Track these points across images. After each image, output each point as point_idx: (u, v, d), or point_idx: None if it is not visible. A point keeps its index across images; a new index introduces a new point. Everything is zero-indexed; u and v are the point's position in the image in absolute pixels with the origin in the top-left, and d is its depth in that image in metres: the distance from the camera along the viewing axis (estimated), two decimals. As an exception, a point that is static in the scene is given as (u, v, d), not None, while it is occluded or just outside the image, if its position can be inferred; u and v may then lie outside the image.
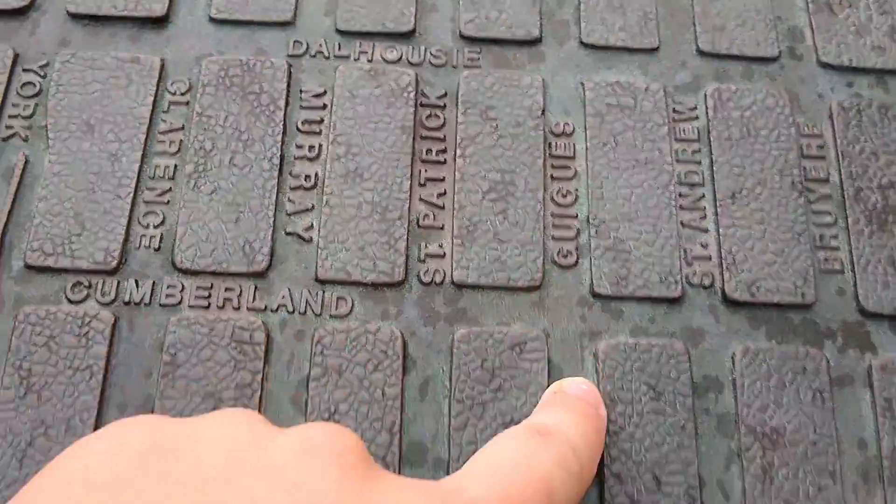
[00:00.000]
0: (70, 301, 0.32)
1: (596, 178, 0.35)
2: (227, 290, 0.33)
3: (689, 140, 0.36)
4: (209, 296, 0.32)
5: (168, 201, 0.34)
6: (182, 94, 0.36)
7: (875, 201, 0.35)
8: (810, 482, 0.31)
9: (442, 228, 0.34)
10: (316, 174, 0.35)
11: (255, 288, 0.33)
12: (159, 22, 0.38)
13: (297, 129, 0.36)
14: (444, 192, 0.35)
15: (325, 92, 0.36)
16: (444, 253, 0.34)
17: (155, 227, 0.34)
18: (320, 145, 0.35)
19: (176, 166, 0.35)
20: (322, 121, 0.36)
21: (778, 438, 0.32)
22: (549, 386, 0.31)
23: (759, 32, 0.39)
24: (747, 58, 0.38)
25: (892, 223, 0.35)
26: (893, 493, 0.31)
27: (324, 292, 0.33)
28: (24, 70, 0.36)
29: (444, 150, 0.36)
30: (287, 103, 0.36)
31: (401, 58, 0.37)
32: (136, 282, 0.33)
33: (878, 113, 0.37)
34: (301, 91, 0.36)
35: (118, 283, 0.33)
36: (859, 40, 0.39)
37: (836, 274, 0.34)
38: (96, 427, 0.30)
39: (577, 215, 0.35)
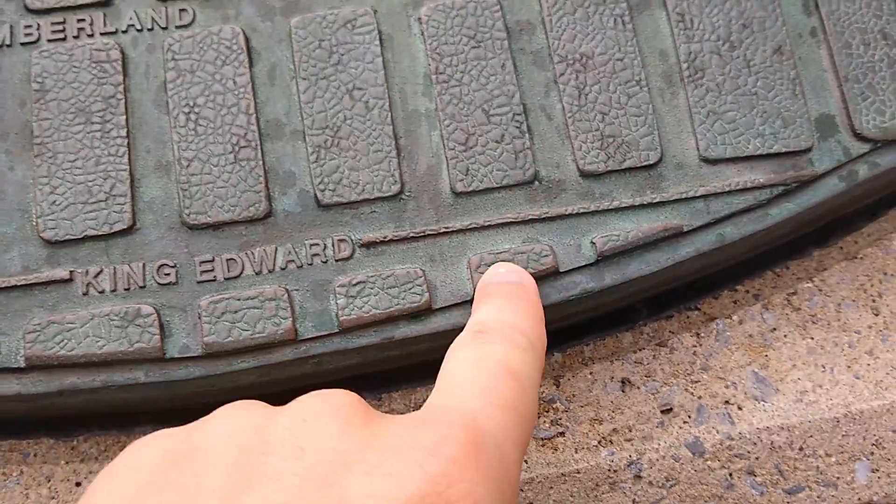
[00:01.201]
0: (-61, 58, 0.34)
1: None
2: (79, 20, 0.35)
3: None
4: (64, 29, 0.34)
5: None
6: None
7: None
8: (620, 92, 0.34)
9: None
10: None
11: (104, 15, 0.35)
12: None
13: None
14: None
15: None
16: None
17: (3, -22, 0.35)
18: None
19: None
20: None
21: (587, 62, 0.35)
22: (382, 53, 0.34)
23: None
24: None
25: None
26: (693, 90, 0.35)
27: (166, 8, 0.35)
28: None
29: None
30: None
31: None
32: (-5, 28, 0.35)
33: None
34: None
35: (-22, 32, 0.35)
36: None
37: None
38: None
39: None
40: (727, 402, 0.34)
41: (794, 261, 0.37)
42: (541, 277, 0.32)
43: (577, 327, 0.35)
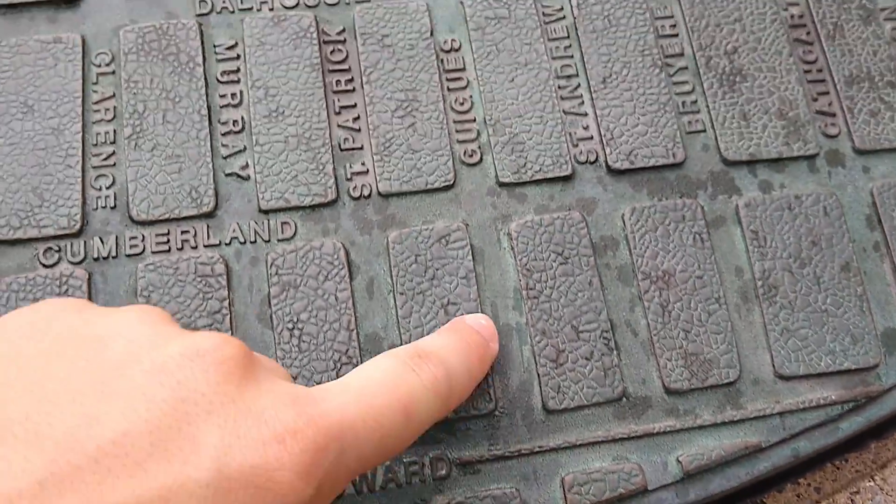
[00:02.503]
0: (44, 266, 0.34)
1: (486, 84, 0.38)
2: (182, 233, 0.34)
3: (559, 38, 0.39)
4: (168, 241, 0.34)
5: (114, 163, 0.35)
6: (107, 65, 0.37)
7: (724, 66, 0.39)
8: (701, 309, 0.35)
9: (361, 148, 0.36)
10: (242, 118, 0.36)
11: (208, 227, 0.35)
12: (72, 2, 0.38)
13: (218, 80, 0.37)
14: (358, 117, 0.37)
15: (236, 44, 0.38)
16: (368, 169, 0.36)
17: (107, 188, 0.35)
18: (241, 92, 0.37)
19: (115, 131, 0.36)
20: (238, 70, 0.37)
21: (669, 279, 0.35)
22: (474, 268, 0.34)
23: (607, -67, 0.41)
24: (600, -43, 0.41)
25: (739, 83, 0.38)
26: (767, 307, 0.35)
27: (268, 220, 0.35)
28: (-44, 65, 0.37)
29: (352, 80, 0.37)
30: (204, 59, 0.37)
31: (298, 3, 0.39)
32: (101, 239, 0.34)
33: (716, -10, 0.40)
34: (214, 46, 0.38)
35: (85, 242, 0.34)
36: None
37: (699, 133, 0.38)
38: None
39: (475, 119, 0.37)
40: None
41: (852, 453, 0.38)
42: (630, 497, 0.32)
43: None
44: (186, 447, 0.20)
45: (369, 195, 0.36)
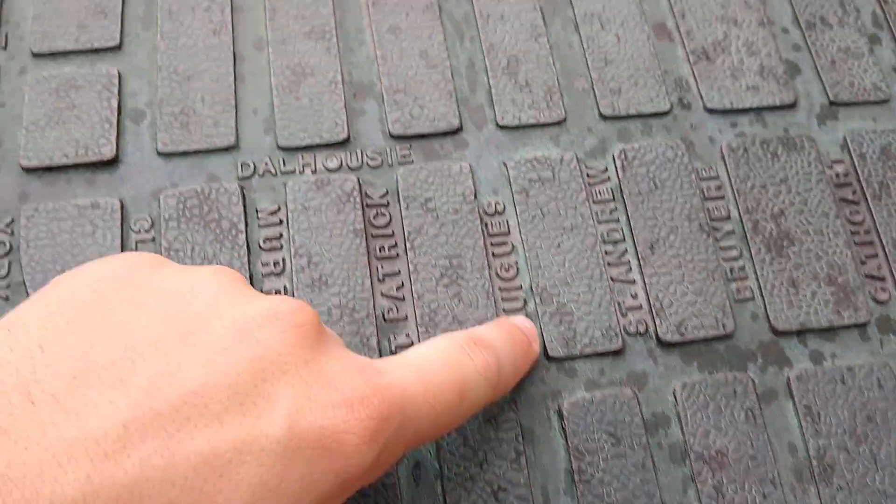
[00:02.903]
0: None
1: (531, 250, 0.37)
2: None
3: (605, 201, 0.38)
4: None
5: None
6: (146, 231, 0.36)
7: (770, 230, 0.38)
8: (756, 492, 0.34)
9: (406, 319, 0.35)
10: (284, 287, 0.36)
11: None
12: (111, 164, 0.37)
13: (260, 247, 0.36)
14: (402, 285, 0.36)
15: (279, 208, 0.37)
16: (412, 341, 0.35)
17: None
18: (284, 259, 0.36)
19: (155, 303, 0.35)
20: (281, 236, 0.36)
21: (722, 459, 0.34)
22: (524, 449, 0.33)
23: (650, 89, 0.40)
24: (644, 115, 0.40)
25: (787, 247, 0.38)
26: (824, 488, 0.34)
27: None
28: (-8, 230, 0.36)
29: (395, 245, 0.37)
30: (246, 224, 0.36)
31: (341, 165, 0.38)
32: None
33: (761, 149, 0.39)
34: (257, 211, 0.37)
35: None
36: (736, 83, 0.41)
37: (748, 301, 0.37)
38: None
39: (521, 286, 0.36)
40: None
41: None
42: None
43: None
44: (261, 403, 0.21)
45: (417, 377, 0.34)
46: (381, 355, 0.34)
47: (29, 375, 0.20)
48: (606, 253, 0.37)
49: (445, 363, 0.27)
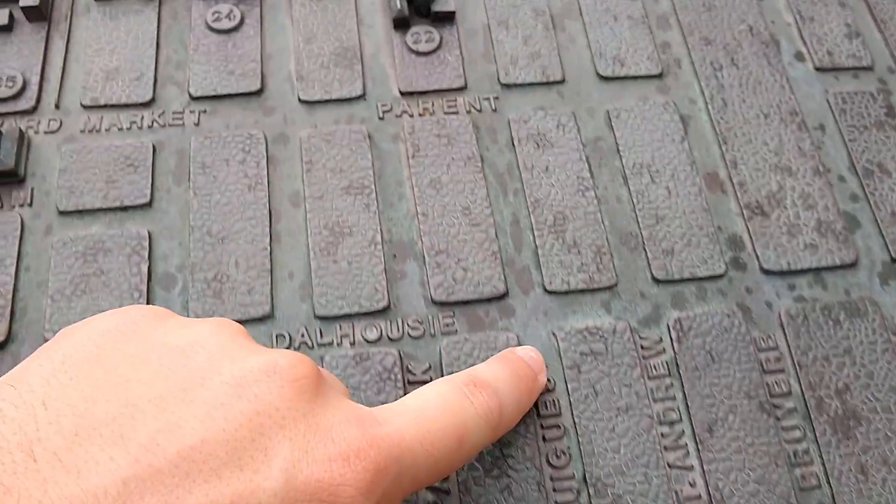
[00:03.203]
0: None
1: (584, 434, 0.34)
2: None
3: (660, 376, 0.36)
4: None
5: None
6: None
7: (835, 408, 0.36)
8: None
9: (450, 511, 0.33)
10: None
11: None
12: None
13: (296, 430, 0.34)
14: (447, 478, 0.34)
15: (316, 387, 0.35)
16: (459, 538, 0.33)
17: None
18: (321, 444, 0.34)
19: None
20: (318, 418, 0.34)
21: None
22: None
23: (704, 249, 0.38)
24: (699, 278, 0.38)
25: (853, 428, 0.35)
26: None
27: None
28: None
29: (439, 427, 0.34)
30: (281, 405, 0.34)
31: (381, 335, 0.36)
32: None
33: (822, 315, 0.37)
34: (293, 389, 0.35)
35: None
36: (792, 241, 0.39)
37: (814, 490, 0.34)
38: None
39: (573, 475, 0.34)
40: None
41: None
42: None
43: None
44: (258, 457, 0.21)
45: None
46: (425, 553, 0.32)
47: (32, 433, 0.20)
48: (662, 435, 0.35)
49: (444, 409, 0.27)
